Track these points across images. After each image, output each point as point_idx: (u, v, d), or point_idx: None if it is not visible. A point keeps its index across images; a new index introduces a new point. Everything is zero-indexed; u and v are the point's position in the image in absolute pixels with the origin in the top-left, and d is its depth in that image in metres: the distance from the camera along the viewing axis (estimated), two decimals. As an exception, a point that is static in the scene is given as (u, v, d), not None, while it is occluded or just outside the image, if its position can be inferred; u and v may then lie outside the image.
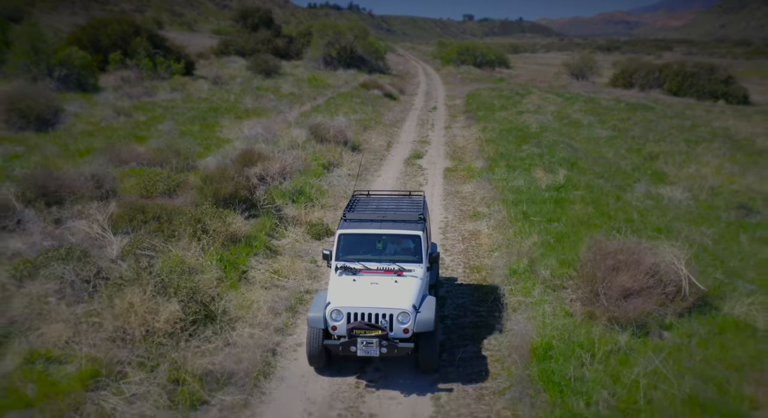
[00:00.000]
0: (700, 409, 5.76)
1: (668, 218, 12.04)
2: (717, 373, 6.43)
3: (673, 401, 5.86)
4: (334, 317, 6.56)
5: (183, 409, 5.92)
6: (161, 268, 7.79)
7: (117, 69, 29.99)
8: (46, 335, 6.65)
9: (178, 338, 6.77)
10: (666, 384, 6.11)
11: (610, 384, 6.12)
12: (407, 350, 6.46)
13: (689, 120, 29.46)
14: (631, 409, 5.73)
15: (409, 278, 6.96)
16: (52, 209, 10.39)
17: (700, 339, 7.24)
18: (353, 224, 7.48)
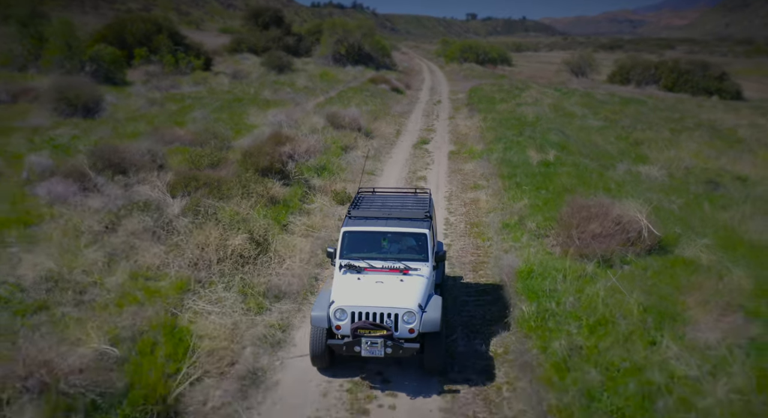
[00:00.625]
0: (643, 311, 7.67)
1: (642, 189, 13.94)
2: (661, 290, 8.35)
3: (623, 304, 7.78)
4: (338, 316, 6.47)
5: (252, 313, 7.86)
6: (222, 216, 9.75)
7: (141, 64, 31.98)
8: (141, 262, 8.61)
9: (244, 263, 8.72)
10: (619, 295, 8.04)
11: (575, 294, 8.04)
12: (412, 351, 6.36)
13: (678, 113, 31.34)
14: (590, 308, 7.65)
15: (415, 277, 6.86)
16: (118, 177, 12.36)
17: (653, 271, 9.16)
18: (358, 221, 7.38)
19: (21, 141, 14.91)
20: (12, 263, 7.87)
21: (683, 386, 6.11)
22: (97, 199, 11.14)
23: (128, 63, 31.57)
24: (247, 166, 12.90)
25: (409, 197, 8.38)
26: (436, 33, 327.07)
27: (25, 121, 17.25)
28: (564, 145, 18.02)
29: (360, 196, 8.38)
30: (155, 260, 8.62)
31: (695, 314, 7.56)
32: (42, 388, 5.53)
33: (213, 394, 6.23)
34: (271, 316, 7.88)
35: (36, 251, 8.18)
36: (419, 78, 48.15)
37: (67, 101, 19.03)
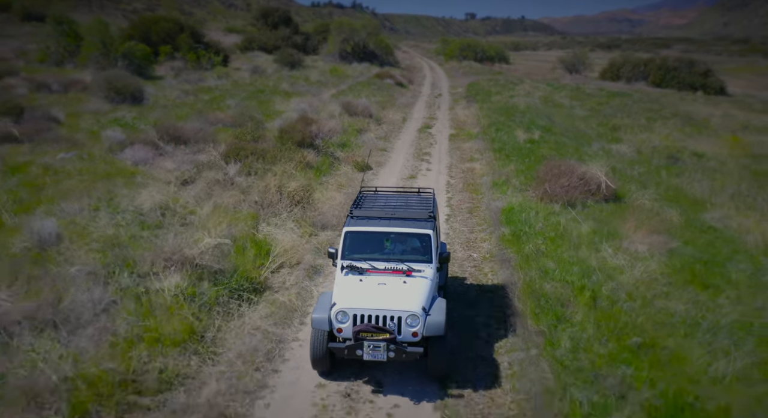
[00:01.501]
0: (592, 232, 10.48)
1: (611, 160, 16.75)
2: (609, 222, 11.17)
3: (577, 228, 10.60)
4: (340, 318, 6.33)
5: (306, 236, 10.66)
6: (275, 172, 12.58)
7: (166, 61, 34.77)
8: (218, 202, 11.42)
9: (295, 204, 11.54)
10: (576, 223, 10.86)
11: (547, 223, 10.87)
12: (416, 355, 6.23)
13: (659, 105, 34.13)
14: (553, 230, 10.47)
15: (418, 279, 6.72)
16: (181, 147, 15.18)
17: (607, 212, 11.99)
18: (360, 221, 7.25)
19: (90, 121, 17.73)
20: (131, 197, 10.68)
21: (611, 269, 8.94)
22: (169, 161, 13.98)
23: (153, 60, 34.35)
24: (284, 140, 15.72)
25: (413, 197, 8.25)
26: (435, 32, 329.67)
27: (85, 107, 20.06)
28: (549, 128, 20.86)
29: (362, 195, 8.25)
30: (230, 200, 11.43)
31: (630, 235, 10.40)
32: (181, 264, 8.35)
33: (288, 278, 9.05)
34: (318, 238, 10.70)
35: (143, 192, 11.00)
36: (421, 74, 50.98)
37: (117, 91, 21.84)
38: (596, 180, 12.96)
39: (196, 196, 11.35)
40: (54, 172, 12.03)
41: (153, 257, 8.46)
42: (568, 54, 63.44)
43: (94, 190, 10.93)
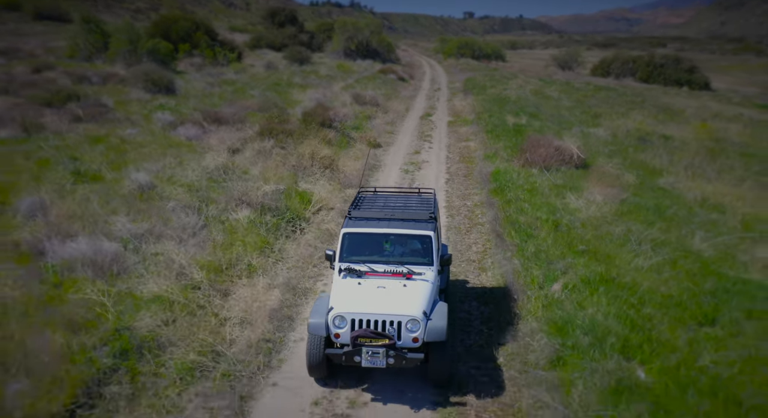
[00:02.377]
0: (561, 186, 13.27)
1: (587, 140, 19.55)
2: (575, 180, 13.96)
3: (551, 185, 13.38)
4: (337, 323, 6.14)
5: (336, 191, 13.42)
6: (307, 144, 15.37)
7: (185, 57, 37.48)
8: (263, 168, 14.18)
9: (325, 168, 14.31)
10: (550, 182, 13.66)
11: (526, 181, 13.65)
12: (416, 361, 6.05)
13: (642, 97, 36.97)
14: (529, 185, 13.26)
15: (419, 282, 6.56)
16: (221, 127, 17.93)
17: (576, 175, 14.78)
18: (359, 222, 7.06)
19: (137, 107, 20.48)
20: (197, 161, 13.45)
21: (572, 210, 11.74)
22: (214, 138, 16.73)
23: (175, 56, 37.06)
24: (307, 122, 18.49)
25: (413, 197, 8.11)
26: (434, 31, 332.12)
27: (127, 96, 22.79)
28: (535, 115, 23.67)
29: (361, 195, 8.11)
30: (273, 164, 14.21)
31: (590, 188, 13.21)
32: (248, 203, 11.12)
33: (326, 217, 11.83)
34: (345, 193, 13.48)
35: (206, 156, 13.76)
36: (421, 71, 53.77)
37: (153, 82, 24.56)
38: (569, 151, 15.77)
39: (246, 161, 14.12)
40: (128, 143, 14.80)
41: (226, 198, 11.25)
42: (561, 52, 66.34)
43: (165, 156, 13.70)
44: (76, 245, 8.31)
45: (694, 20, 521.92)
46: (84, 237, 8.61)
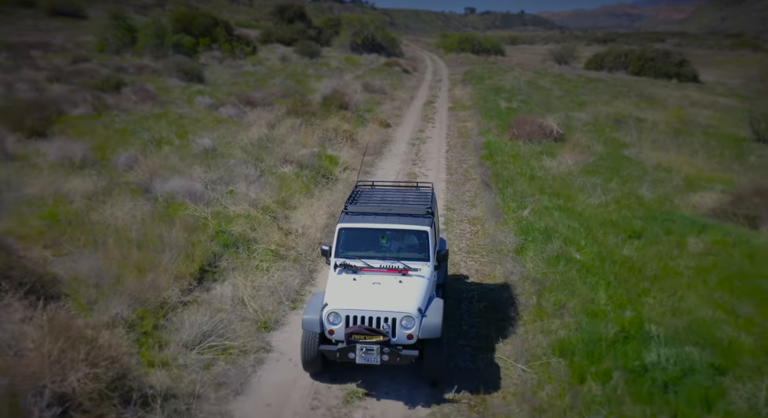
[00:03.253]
0: (539, 153, 16.23)
1: (570, 121, 22.49)
2: (552, 148, 16.93)
3: (531, 152, 16.35)
4: (332, 320, 6.11)
5: (356, 156, 16.39)
6: (329, 121, 18.37)
7: (205, 51, 40.43)
8: (297, 138, 17.15)
9: (346, 139, 17.30)
10: (531, 150, 16.63)
11: (511, 150, 16.63)
12: (411, 358, 6.03)
13: (628, 88, 39.85)
14: (515, 152, 16.24)
15: (414, 278, 6.54)
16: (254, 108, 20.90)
17: (554, 145, 17.74)
18: (355, 217, 7.09)
19: (176, 93, 23.47)
20: (244, 132, 16.44)
21: (546, 168, 14.71)
22: (251, 116, 19.69)
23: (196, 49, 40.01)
24: (327, 105, 21.48)
25: (411, 192, 8.17)
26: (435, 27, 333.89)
27: (164, 84, 25.76)
28: (526, 101, 26.63)
29: (358, 190, 8.13)
30: (303, 135, 17.19)
31: (563, 154, 16.18)
32: (291, 162, 14.11)
33: (350, 174, 14.81)
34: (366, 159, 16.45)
35: (251, 129, 16.74)
36: (423, 64, 56.69)
37: (185, 72, 27.55)
38: (550, 127, 18.76)
39: (282, 133, 17.11)
40: (184, 119, 17.80)
41: (273, 158, 14.25)
42: (558, 47, 69.21)
43: (217, 128, 16.70)
44: (173, 183, 11.32)
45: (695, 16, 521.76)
46: (176, 179, 11.61)
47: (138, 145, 14.12)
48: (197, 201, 10.81)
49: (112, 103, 19.33)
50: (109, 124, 16.42)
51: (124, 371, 5.68)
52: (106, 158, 13.12)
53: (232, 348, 6.73)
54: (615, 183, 13.90)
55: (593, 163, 15.61)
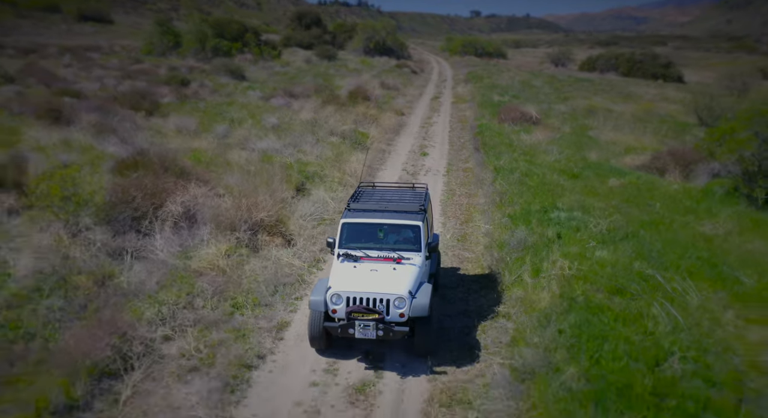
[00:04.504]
0: (519, 131, 21.52)
1: (550, 112, 27.75)
2: (531, 129, 22.22)
3: (513, 131, 21.65)
4: (335, 300, 6.98)
5: (381, 134, 21.72)
6: (357, 109, 23.74)
7: (237, 53, 45.93)
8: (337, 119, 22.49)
9: (371, 122, 22.64)
10: (513, 129, 21.93)
11: (498, 129, 21.93)
12: (402, 334, 6.90)
13: (611, 86, 45.05)
14: (502, 132, 21.55)
15: (407, 266, 7.39)
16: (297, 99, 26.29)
17: (531, 127, 23.03)
18: (356, 213, 7.92)
19: (230, 88, 28.89)
20: (293, 115, 21.78)
21: (522, 140, 20.01)
22: (296, 105, 25.07)
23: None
24: (354, 97, 26.84)
25: (407, 192, 8.88)
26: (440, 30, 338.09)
27: (218, 81, 31.20)
28: (516, 96, 31.92)
29: (360, 190, 8.88)
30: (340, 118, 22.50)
31: (536, 132, 21.47)
32: (335, 134, 19.45)
33: (378, 145, 20.15)
34: (387, 135, 21.77)
35: (301, 113, 22.10)
36: (429, 66, 62.09)
37: (231, 71, 32.99)
38: (530, 114, 24.06)
39: (325, 116, 22.45)
40: (248, 105, 23.21)
41: (323, 132, 19.60)
42: (555, 50, 74.47)
43: (276, 113, 22.06)
44: (260, 144, 16.67)
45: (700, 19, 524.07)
46: (262, 141, 16.97)
47: (226, 121, 19.52)
48: (282, 154, 16.17)
49: (188, 94, 24.74)
50: (195, 108, 21.85)
51: (278, 220, 11.01)
52: (209, 129, 18.50)
53: (326, 219, 12.06)
54: (571, 150, 19.18)
55: (558, 138, 20.89)
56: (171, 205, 10.16)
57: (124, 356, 6.67)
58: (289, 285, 8.96)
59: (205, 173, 13.02)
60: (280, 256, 9.78)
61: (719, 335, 7.22)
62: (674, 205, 13.35)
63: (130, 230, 9.48)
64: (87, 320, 7.13)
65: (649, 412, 5.54)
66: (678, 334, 7.09)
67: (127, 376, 6.41)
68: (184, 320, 7.60)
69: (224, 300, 8.22)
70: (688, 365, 6.42)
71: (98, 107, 18.64)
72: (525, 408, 5.94)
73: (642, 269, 8.91)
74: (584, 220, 10.83)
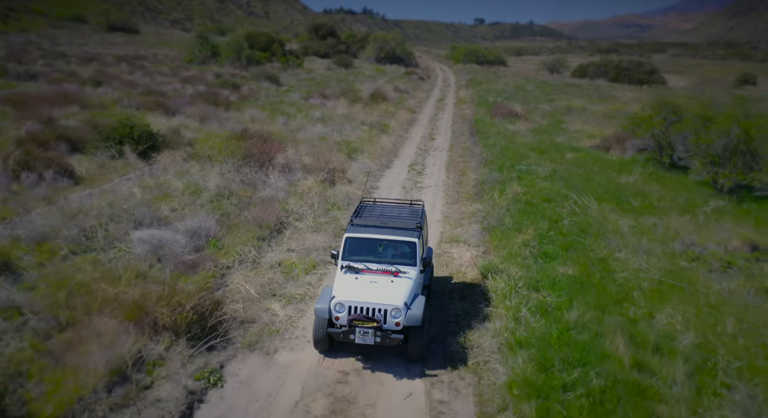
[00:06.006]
0: (505, 123, 27.75)
1: (534, 110, 33.97)
2: (516, 121, 28.46)
3: (501, 122, 27.86)
4: (338, 309, 7.68)
5: (399, 125, 27.97)
6: (379, 107, 30.07)
7: (266, 62, 52.39)
8: (365, 114, 28.77)
9: (391, 115, 28.92)
10: (501, 122, 28.16)
11: (490, 122, 28.18)
12: (398, 341, 7.59)
13: (594, 90, 51.20)
14: (495, 123, 27.77)
15: (403, 279, 8.08)
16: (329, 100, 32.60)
17: (516, 121, 29.27)
18: (359, 229, 8.58)
19: (271, 91, 35.22)
20: (330, 111, 28.09)
21: (507, 129, 26.25)
22: (330, 104, 31.35)
23: (261, 61, 51.96)
24: (374, 98, 33.14)
25: (405, 208, 9.61)
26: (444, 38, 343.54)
27: (260, 86, 37.57)
28: (509, 98, 38.20)
29: (362, 205, 9.64)
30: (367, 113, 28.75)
31: (519, 123, 27.71)
32: (365, 124, 25.73)
33: (397, 131, 26.39)
34: (403, 126, 28.00)
35: (336, 109, 28.40)
36: (435, 73, 68.55)
37: (268, 77, 39.35)
38: (516, 111, 30.33)
39: (355, 112, 28.70)
40: (294, 104, 29.50)
41: (356, 123, 25.86)
42: (550, 58, 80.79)
43: (317, 109, 28.32)
44: (313, 129, 22.92)
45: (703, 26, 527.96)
46: (315, 127, 23.22)
47: (283, 114, 25.82)
48: (329, 136, 22.43)
49: (246, 94, 31.09)
50: (256, 105, 28.18)
51: (342, 170, 17.21)
52: (273, 119, 24.76)
53: (369, 172, 18.30)
54: (543, 136, 25.40)
55: (536, 128, 27.14)
56: (277, 158, 16.39)
57: (280, 224, 12.86)
58: (354, 200, 15.15)
59: (288, 144, 19.27)
60: (346, 188, 15.97)
61: (600, 222, 13.37)
62: (606, 167, 19.55)
63: (258, 171, 15.69)
64: (254, 208, 13.32)
65: (540, 214, 11.82)
66: (573, 216, 13.28)
67: (284, 232, 12.60)
68: (303, 213, 13.78)
69: (322, 204, 14.41)
70: (573, 224, 12.60)
71: (188, 103, 24.96)
72: (488, 239, 12.16)
73: (566, 192, 15.10)
74: (536, 170, 17.05)
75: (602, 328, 8.05)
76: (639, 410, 6.43)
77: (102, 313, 8.23)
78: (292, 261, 11.02)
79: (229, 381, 7.56)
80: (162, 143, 16.58)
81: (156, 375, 7.41)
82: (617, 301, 9.11)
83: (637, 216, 14.21)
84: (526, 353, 7.58)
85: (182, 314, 8.15)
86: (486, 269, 10.28)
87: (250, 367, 7.87)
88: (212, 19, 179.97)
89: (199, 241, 11.04)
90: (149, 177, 14.37)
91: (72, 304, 8.37)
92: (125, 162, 15.58)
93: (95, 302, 8.45)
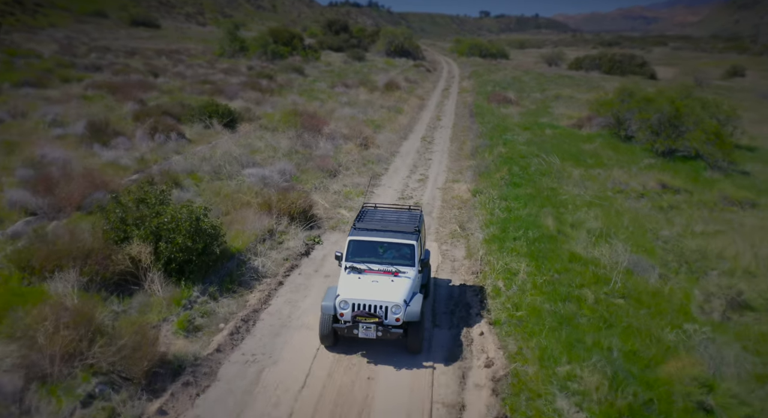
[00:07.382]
0: (500, 107, 33.32)
1: (528, 98, 39.49)
2: (509, 105, 34.06)
3: (497, 107, 33.43)
4: (342, 306, 8.44)
5: (411, 110, 33.58)
6: (393, 94, 35.70)
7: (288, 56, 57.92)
8: (383, 100, 34.38)
9: (404, 102, 34.53)
10: (497, 107, 33.74)
11: (487, 107, 33.75)
12: (398, 335, 8.37)
13: (585, 81, 56.50)
14: (491, 108, 33.35)
15: (403, 279, 8.82)
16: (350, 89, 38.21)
17: (510, 105, 34.84)
18: (361, 232, 9.33)
19: (299, 81, 40.84)
20: (354, 97, 33.65)
21: (501, 112, 31.86)
22: (352, 92, 36.95)
23: (284, 55, 57.52)
24: (389, 87, 38.72)
25: (404, 213, 10.28)
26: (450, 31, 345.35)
27: (287, 78, 43.17)
28: (506, 87, 43.72)
29: (364, 209, 10.37)
30: (384, 99, 34.35)
31: (512, 108, 33.34)
32: (384, 107, 31.38)
33: (410, 113, 32.01)
34: (414, 109, 33.61)
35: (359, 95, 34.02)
36: (440, 66, 73.98)
37: (294, 69, 44.93)
38: (510, 97, 35.88)
39: (375, 98, 34.28)
40: (324, 91, 35.12)
41: (376, 106, 31.49)
42: (548, 51, 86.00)
43: (342, 95, 33.94)
44: (344, 110, 28.57)
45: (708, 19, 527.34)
46: (344, 110, 28.87)
47: (317, 100, 31.47)
48: (357, 116, 28.05)
49: (282, 83, 36.75)
50: (292, 92, 33.82)
51: (372, 139, 22.89)
52: (310, 103, 30.39)
53: (391, 142, 23.93)
54: (530, 117, 30.95)
55: (525, 112, 32.69)
56: (324, 129, 22.07)
57: (334, 170, 18.53)
58: (383, 160, 20.78)
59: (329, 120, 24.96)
60: (376, 151, 21.62)
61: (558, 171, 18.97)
62: (576, 139, 25.15)
63: (312, 138, 21.38)
64: (316, 160, 18.96)
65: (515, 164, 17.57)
66: (539, 166, 18.90)
67: (337, 175, 18.27)
68: (350, 163, 19.43)
69: (360, 160, 20.07)
70: (537, 170, 18.25)
71: (240, 90, 30.65)
72: (477, 178, 17.89)
73: (538, 153, 20.72)
74: (517, 139, 22.69)
75: (541, 215, 13.71)
76: (556, 250, 12.06)
77: (242, 209, 13.93)
78: (348, 190, 16.72)
79: (324, 243, 13.28)
80: (238, 117, 22.25)
81: (284, 238, 13.12)
82: (555, 206, 14.76)
83: (588, 169, 19.83)
84: (494, 227, 13.26)
85: (293, 209, 13.88)
86: (474, 192, 15.96)
87: (335, 237, 13.59)
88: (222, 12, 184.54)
89: (285, 177, 16.72)
90: (238, 139, 20.07)
91: (224, 203, 14.07)
92: (215, 131, 21.27)
93: (237, 203, 14.15)
